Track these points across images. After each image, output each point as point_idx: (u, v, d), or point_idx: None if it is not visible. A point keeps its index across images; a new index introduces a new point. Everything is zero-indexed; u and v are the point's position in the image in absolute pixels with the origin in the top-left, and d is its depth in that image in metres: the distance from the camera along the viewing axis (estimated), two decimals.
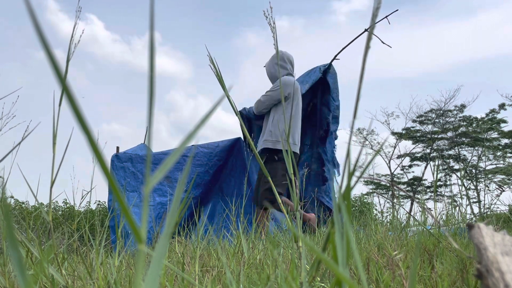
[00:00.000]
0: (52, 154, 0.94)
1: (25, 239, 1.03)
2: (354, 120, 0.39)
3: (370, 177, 0.65)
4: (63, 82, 0.22)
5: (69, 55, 0.96)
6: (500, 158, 18.70)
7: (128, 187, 3.83)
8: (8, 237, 0.22)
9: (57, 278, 0.92)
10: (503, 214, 2.62)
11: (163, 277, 1.05)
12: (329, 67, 4.54)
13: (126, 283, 1.07)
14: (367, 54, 0.35)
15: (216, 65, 0.85)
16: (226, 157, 4.60)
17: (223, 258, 0.73)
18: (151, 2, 0.24)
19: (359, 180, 0.41)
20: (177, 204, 0.27)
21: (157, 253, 0.24)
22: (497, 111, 18.54)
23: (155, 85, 0.25)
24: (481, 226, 0.61)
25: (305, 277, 0.54)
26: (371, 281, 1.14)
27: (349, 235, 0.35)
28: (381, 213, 5.09)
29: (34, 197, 1.04)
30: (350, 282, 0.27)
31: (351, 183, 0.37)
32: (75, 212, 5.78)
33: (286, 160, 0.76)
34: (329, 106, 4.68)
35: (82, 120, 0.22)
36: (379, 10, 0.35)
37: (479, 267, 0.52)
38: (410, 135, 20.36)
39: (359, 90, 0.37)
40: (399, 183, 20.68)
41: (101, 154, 0.23)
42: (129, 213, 0.24)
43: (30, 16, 0.20)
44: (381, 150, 20.45)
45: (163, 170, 0.25)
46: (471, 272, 1.06)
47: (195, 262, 1.11)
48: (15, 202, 8.14)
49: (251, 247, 1.52)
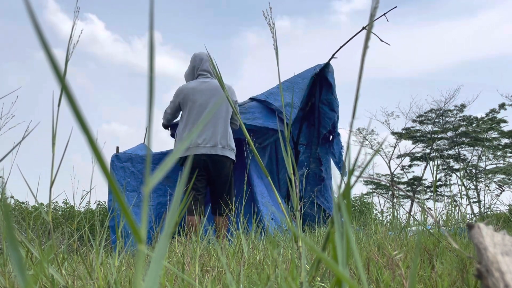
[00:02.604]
0: (52, 154, 0.94)
1: (25, 239, 1.03)
2: (353, 120, 0.39)
3: (370, 177, 0.65)
4: (62, 82, 0.22)
5: (68, 55, 0.96)
6: (500, 158, 18.70)
7: (128, 187, 3.83)
8: (8, 237, 0.22)
9: (57, 278, 0.92)
10: (503, 214, 2.62)
11: (163, 277, 1.05)
12: (327, 65, 4.49)
13: (126, 283, 1.07)
14: (365, 53, 0.35)
15: (216, 66, 0.85)
16: None
17: (223, 258, 0.73)
18: (151, 2, 0.24)
19: (359, 180, 0.41)
20: (177, 204, 0.27)
21: (157, 253, 0.24)
22: (497, 111, 18.55)
23: (155, 85, 0.25)
24: (481, 226, 0.61)
25: (305, 277, 0.54)
26: (371, 281, 1.14)
27: (349, 235, 0.35)
28: (381, 213, 5.09)
29: (34, 197, 1.04)
30: (350, 281, 0.27)
31: (351, 182, 0.37)
32: (75, 212, 5.78)
33: (286, 160, 0.76)
34: (333, 106, 4.61)
35: (81, 120, 0.22)
36: (377, 9, 0.35)
37: (479, 267, 0.52)
38: (410, 135, 20.36)
39: (358, 90, 0.37)
40: (399, 183, 20.68)
41: (101, 154, 0.23)
42: (129, 213, 0.24)
43: (29, 16, 0.20)
44: (380, 150, 20.45)
45: (163, 170, 0.25)
46: (471, 272, 1.06)
47: (195, 262, 1.11)
48: (15, 202, 8.14)
49: (251, 247, 1.52)
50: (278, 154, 5.10)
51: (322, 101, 4.71)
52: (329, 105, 4.66)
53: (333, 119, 4.64)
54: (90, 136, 0.22)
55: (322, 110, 4.72)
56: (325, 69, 4.51)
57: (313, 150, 4.93)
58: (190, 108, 3.39)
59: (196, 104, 3.38)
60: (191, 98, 3.40)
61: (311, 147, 4.96)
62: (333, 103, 4.62)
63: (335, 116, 4.62)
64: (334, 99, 4.61)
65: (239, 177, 4.58)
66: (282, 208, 0.73)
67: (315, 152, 4.90)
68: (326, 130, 4.72)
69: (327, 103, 4.67)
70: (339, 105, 4.66)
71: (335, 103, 4.62)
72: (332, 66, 4.56)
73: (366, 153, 18.90)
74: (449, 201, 2.00)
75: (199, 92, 3.40)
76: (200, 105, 3.38)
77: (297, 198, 0.73)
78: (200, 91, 3.41)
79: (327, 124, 4.68)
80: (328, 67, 4.51)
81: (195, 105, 3.38)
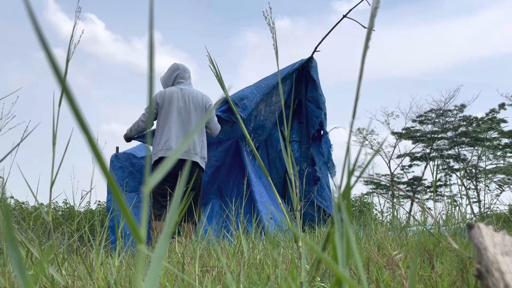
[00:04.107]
0: (52, 154, 0.94)
1: (25, 240, 1.03)
2: (353, 120, 0.39)
3: (370, 177, 0.66)
4: (62, 82, 0.22)
5: (68, 55, 0.96)
6: (500, 158, 18.71)
7: (127, 188, 3.83)
8: (8, 238, 0.22)
9: (57, 278, 0.92)
10: (503, 214, 2.62)
11: (163, 277, 1.05)
12: (310, 59, 4.37)
13: (126, 283, 1.07)
14: (366, 54, 0.35)
15: (215, 66, 0.85)
16: (224, 158, 4.58)
17: (223, 258, 0.73)
18: (151, 2, 0.24)
19: (359, 180, 0.41)
20: (177, 204, 0.27)
21: (157, 253, 0.24)
22: (497, 111, 18.56)
23: (155, 85, 0.25)
24: (481, 226, 0.61)
25: (305, 277, 0.54)
26: (371, 281, 1.14)
27: (349, 235, 0.35)
28: (381, 213, 5.08)
29: (34, 197, 1.04)
30: (350, 281, 0.27)
31: (351, 182, 0.37)
32: (75, 212, 5.77)
33: (286, 160, 0.76)
34: (319, 103, 4.51)
35: (81, 120, 0.22)
36: (377, 9, 0.35)
37: (479, 267, 0.52)
38: (410, 135, 20.36)
39: (358, 90, 0.37)
40: (399, 183, 20.68)
41: (101, 154, 0.23)
42: (129, 213, 0.24)
43: (29, 16, 0.20)
44: (380, 150, 20.45)
45: (162, 170, 0.25)
46: (471, 272, 1.06)
47: (195, 262, 1.11)
48: (15, 202, 8.14)
49: (251, 247, 1.52)
50: (269, 155, 5.06)
51: (308, 98, 4.58)
52: (315, 103, 4.54)
53: (320, 117, 4.54)
54: (90, 136, 0.22)
55: (309, 108, 4.60)
56: (309, 63, 4.39)
57: (304, 149, 4.87)
58: (166, 113, 3.40)
59: (173, 108, 3.40)
60: (169, 102, 3.42)
61: (301, 146, 4.89)
62: (318, 100, 4.51)
63: (321, 113, 4.52)
64: (319, 95, 4.49)
65: (237, 177, 4.58)
66: (282, 208, 0.73)
67: (307, 151, 4.83)
68: (314, 130, 4.65)
69: (312, 101, 4.55)
70: (325, 101, 4.52)
71: (321, 100, 4.50)
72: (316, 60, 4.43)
73: (366, 153, 18.91)
74: (449, 201, 2.00)
75: (177, 98, 3.44)
76: (177, 109, 3.40)
77: (297, 198, 0.73)
78: (177, 97, 3.45)
79: (315, 123, 4.59)
80: (311, 61, 4.39)
81: (171, 109, 3.39)
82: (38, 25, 0.21)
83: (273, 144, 4.97)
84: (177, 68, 3.62)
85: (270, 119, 4.53)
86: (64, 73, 0.65)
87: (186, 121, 3.37)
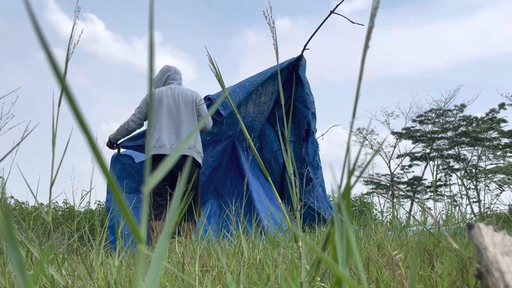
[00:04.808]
0: (52, 154, 0.94)
1: (25, 240, 1.03)
2: (353, 120, 0.39)
3: (370, 177, 0.66)
4: (62, 82, 0.22)
5: (68, 55, 0.96)
6: (500, 158, 18.71)
7: (126, 189, 3.83)
8: (8, 237, 0.22)
9: (57, 278, 0.92)
10: (503, 214, 2.62)
11: (163, 277, 1.05)
12: (300, 58, 4.34)
13: (126, 283, 1.07)
14: (366, 53, 0.35)
15: (215, 65, 0.85)
16: (221, 158, 4.57)
17: (223, 258, 0.73)
18: (151, 2, 0.24)
19: (359, 180, 0.41)
20: (177, 204, 0.27)
21: (157, 253, 0.24)
22: (497, 110, 18.56)
23: (155, 85, 0.25)
24: (481, 226, 0.61)
25: (305, 277, 0.54)
26: (371, 281, 1.14)
27: (349, 235, 0.35)
28: (381, 213, 5.08)
29: (34, 197, 1.04)
30: (350, 281, 0.27)
31: (351, 182, 0.37)
32: (75, 212, 5.78)
33: (286, 160, 0.76)
34: (306, 103, 4.47)
35: (81, 120, 0.22)
36: (378, 9, 0.35)
37: (479, 267, 0.52)
38: (410, 134, 20.36)
39: (358, 90, 0.37)
40: (399, 183, 20.68)
41: (101, 154, 0.23)
42: (129, 213, 0.24)
43: (29, 16, 0.20)
44: (380, 150, 20.45)
45: (162, 170, 0.25)
46: (471, 272, 1.06)
47: (195, 262, 1.11)
48: (15, 202, 8.14)
49: (251, 247, 1.52)
50: (264, 156, 5.03)
51: (297, 98, 4.55)
52: (303, 102, 4.51)
53: (307, 117, 4.51)
54: (90, 136, 0.22)
55: (298, 108, 4.58)
56: (299, 62, 4.36)
57: (298, 150, 4.84)
58: (156, 112, 3.42)
59: (163, 107, 3.42)
60: (159, 101, 3.44)
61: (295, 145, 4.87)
62: (306, 99, 4.47)
63: (309, 113, 4.48)
64: (307, 95, 4.46)
65: (235, 177, 4.58)
66: (282, 207, 0.73)
67: (300, 151, 4.80)
68: (303, 130, 4.63)
69: (301, 100, 4.53)
70: (313, 100, 4.49)
71: (308, 99, 4.46)
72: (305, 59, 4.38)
73: (366, 153, 18.92)
74: (449, 201, 2.00)
75: (166, 97, 3.46)
76: (167, 107, 3.42)
77: (297, 198, 0.73)
78: (167, 95, 3.47)
79: (303, 123, 4.56)
80: (301, 59, 4.36)
81: (161, 107, 3.42)
82: (38, 25, 0.21)
83: (268, 145, 4.94)
84: (168, 69, 3.65)
85: (259, 119, 4.51)
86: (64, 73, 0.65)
87: (176, 118, 3.40)
